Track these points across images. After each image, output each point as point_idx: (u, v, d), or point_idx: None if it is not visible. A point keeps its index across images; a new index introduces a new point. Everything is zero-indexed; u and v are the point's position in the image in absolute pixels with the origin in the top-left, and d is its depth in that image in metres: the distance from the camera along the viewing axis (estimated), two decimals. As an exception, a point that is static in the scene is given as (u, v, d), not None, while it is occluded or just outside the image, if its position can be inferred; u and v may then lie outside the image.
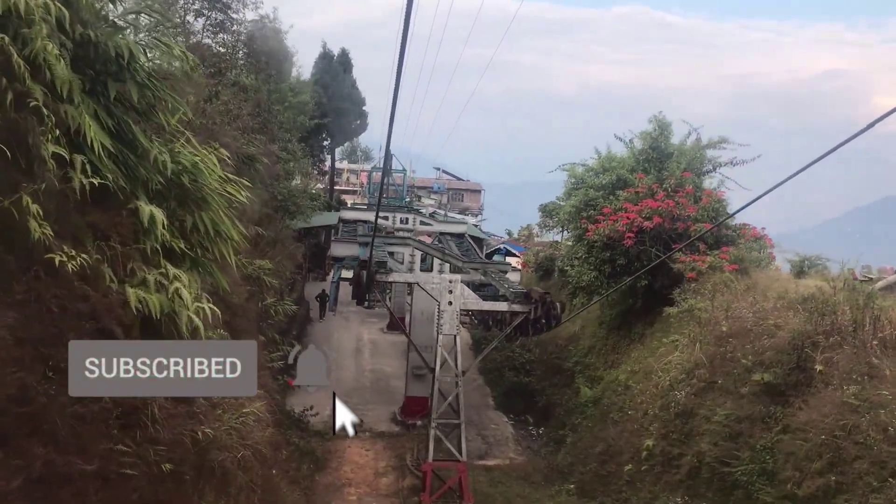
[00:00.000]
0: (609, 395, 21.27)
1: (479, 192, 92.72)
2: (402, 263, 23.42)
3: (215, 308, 8.94)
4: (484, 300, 19.08)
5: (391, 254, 23.58)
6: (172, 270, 8.20)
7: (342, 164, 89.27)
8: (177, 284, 8.02)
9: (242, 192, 9.66)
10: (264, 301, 20.99)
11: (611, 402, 20.59)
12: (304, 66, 43.20)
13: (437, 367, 17.16)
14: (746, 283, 18.89)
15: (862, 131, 6.84)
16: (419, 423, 23.56)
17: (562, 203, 36.47)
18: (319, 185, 62.56)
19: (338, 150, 78.96)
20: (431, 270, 23.64)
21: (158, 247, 8.29)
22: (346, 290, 48.29)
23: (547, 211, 36.19)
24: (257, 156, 22.35)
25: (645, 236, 21.09)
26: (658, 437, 16.34)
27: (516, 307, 17.33)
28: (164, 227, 8.12)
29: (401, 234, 32.79)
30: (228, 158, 9.44)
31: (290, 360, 18.53)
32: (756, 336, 14.86)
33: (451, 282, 17.32)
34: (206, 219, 9.12)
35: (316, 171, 61.51)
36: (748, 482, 12.55)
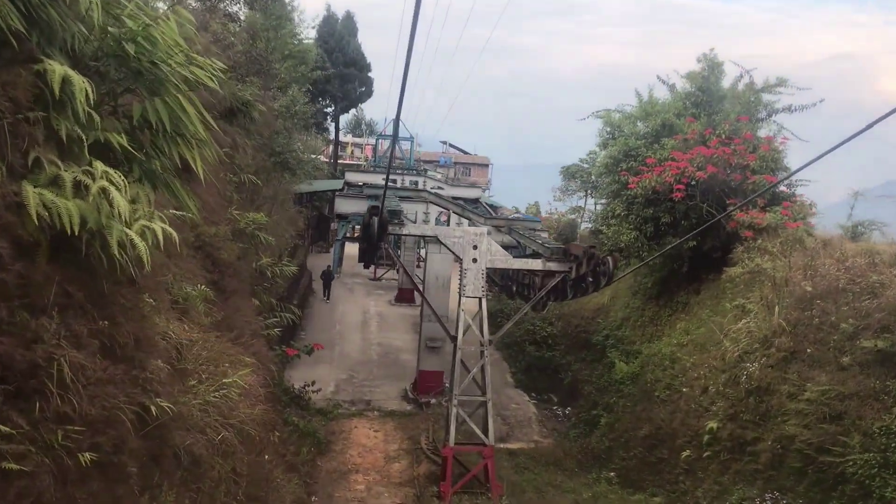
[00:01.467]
0: (651, 370, 18.61)
1: (487, 166, 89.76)
2: (414, 223, 20.68)
3: (171, 230, 6.30)
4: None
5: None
6: (101, 167, 5.48)
7: (346, 138, 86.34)
8: (102, 183, 5.31)
9: (215, 76, 6.90)
10: (259, 261, 18.33)
11: (655, 379, 17.93)
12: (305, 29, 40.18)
13: (460, 335, 14.51)
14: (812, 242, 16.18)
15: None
16: (433, 400, 21.00)
17: (585, 165, 33.83)
18: (322, 158, 59.58)
19: (342, 123, 76.02)
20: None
21: (80, 133, 5.65)
22: (349, 263, 45.68)
23: (569, 173, 33.53)
24: (253, 102, 19.64)
25: (695, 190, 18.32)
26: (724, 418, 13.70)
27: (553, 265, 14.63)
28: (89, 103, 5.43)
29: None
30: (192, 24, 6.69)
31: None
32: (854, 297, 12.16)
33: (476, 235, 14.62)
34: (161, 108, 6.35)
35: (319, 137, 58.67)
36: (864, 475, 9.89)
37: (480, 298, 14.60)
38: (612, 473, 17.01)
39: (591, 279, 13.38)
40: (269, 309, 18.42)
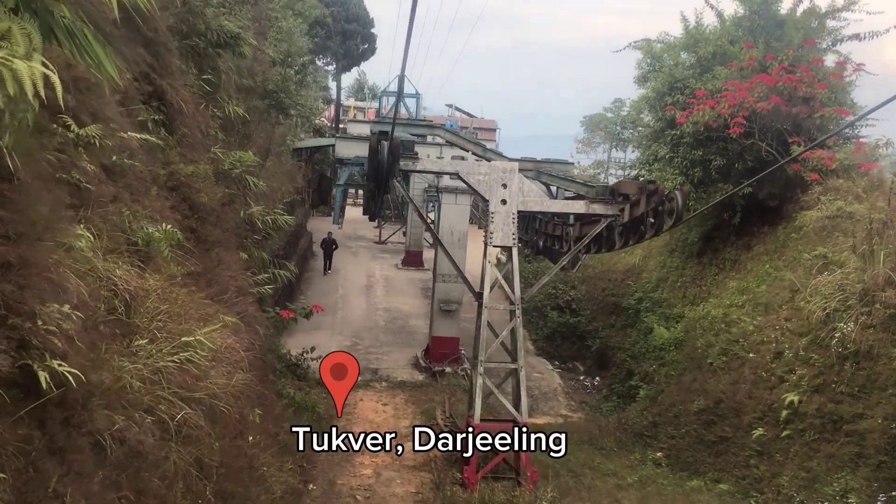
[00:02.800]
0: (700, 335, 16.17)
1: (494, 130, 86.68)
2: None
3: (52, 74, 3.73)
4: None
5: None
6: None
7: (348, 102, 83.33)
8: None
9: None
10: (248, 209, 15.82)
11: (706, 344, 15.49)
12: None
13: (486, 292, 12.04)
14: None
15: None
16: (448, 369, 18.65)
17: (609, 115, 31.17)
18: (324, 121, 56.79)
19: (344, 86, 72.91)
20: (465, 177, 18.34)
21: None
22: (351, 226, 43.19)
23: (592, 122, 30.84)
24: (242, 35, 17.02)
25: (754, 126, 15.71)
26: (808, 389, 11.27)
27: (598, 208, 12.08)
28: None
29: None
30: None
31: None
32: None
33: (506, 172, 12.07)
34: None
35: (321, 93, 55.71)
36: None
37: (511, 248, 12.10)
38: (658, 454, 14.65)
39: (651, 220, 10.84)
40: (260, 265, 15.99)
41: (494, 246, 12.14)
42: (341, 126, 60.08)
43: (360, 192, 61.16)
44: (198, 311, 8.97)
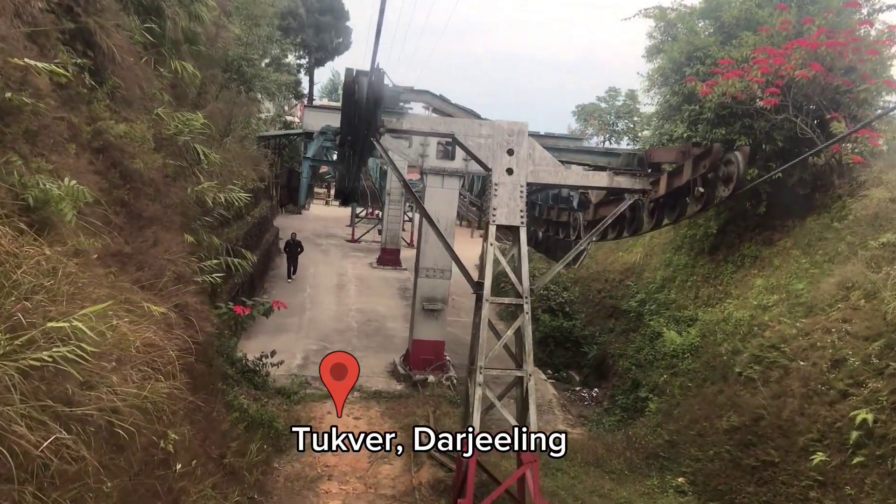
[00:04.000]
0: (721, 340, 14.03)
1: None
2: (409, 146, 15.75)
3: None
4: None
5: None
6: None
7: (321, 102, 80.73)
8: None
9: None
10: (197, 184, 13.31)
11: (731, 351, 13.34)
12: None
13: (488, 282, 9.69)
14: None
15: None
16: (431, 377, 16.24)
17: (603, 105, 29.04)
18: (295, 118, 54.02)
19: (317, 87, 70.27)
20: (454, 158, 16.03)
21: None
22: (321, 224, 40.54)
23: (585, 113, 28.74)
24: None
25: (787, 100, 13.63)
26: (887, 406, 9.09)
27: (623, 181, 9.79)
28: None
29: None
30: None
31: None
32: None
33: (513, 134, 9.75)
34: None
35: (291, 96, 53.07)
36: None
37: (518, 227, 9.77)
38: (680, 479, 12.41)
39: (700, 191, 8.56)
40: (212, 252, 13.49)
41: (498, 226, 9.79)
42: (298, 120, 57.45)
43: (331, 190, 58.63)
44: (106, 295, 6.55)
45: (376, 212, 40.80)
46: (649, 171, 10.02)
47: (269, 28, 26.64)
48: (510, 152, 9.81)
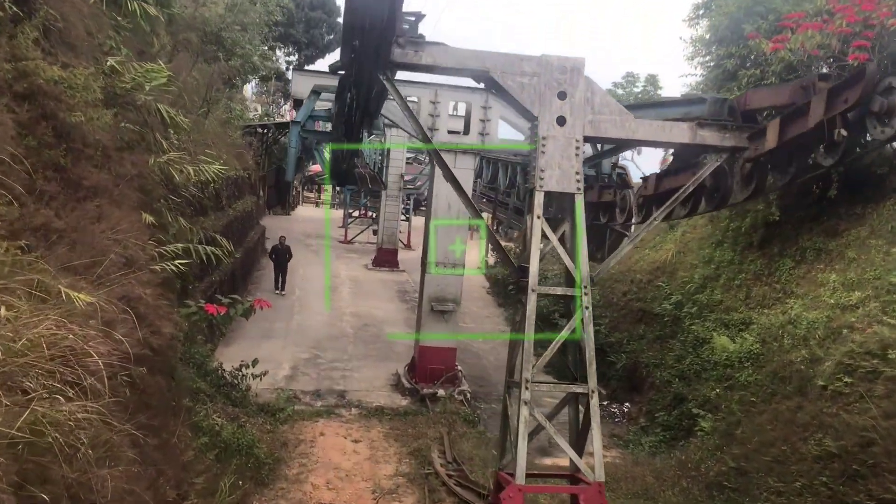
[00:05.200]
0: (791, 346, 11.70)
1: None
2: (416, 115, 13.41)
3: None
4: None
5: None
6: None
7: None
8: None
9: None
10: (161, 156, 10.89)
11: (809, 359, 11.01)
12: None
13: (535, 264, 7.30)
14: None
15: None
16: (441, 391, 13.82)
17: (620, 91, 26.65)
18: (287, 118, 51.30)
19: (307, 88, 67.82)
20: (468, 132, 13.70)
21: None
22: (312, 225, 38.07)
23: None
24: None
25: (874, 55, 11.35)
26: None
27: (709, 136, 7.45)
28: None
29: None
30: None
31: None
32: None
33: (565, 72, 7.42)
34: None
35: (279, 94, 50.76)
36: None
37: (574, 195, 7.42)
38: (758, 517, 10.02)
39: (842, 134, 6.21)
40: (180, 237, 11.06)
41: (547, 193, 7.43)
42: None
43: (321, 193, 56.26)
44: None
45: (370, 213, 38.48)
46: (747, 119, 7.69)
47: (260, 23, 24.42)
48: (562, 96, 7.47)
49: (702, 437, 12.69)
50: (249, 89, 54.40)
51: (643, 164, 26.41)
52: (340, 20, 43.37)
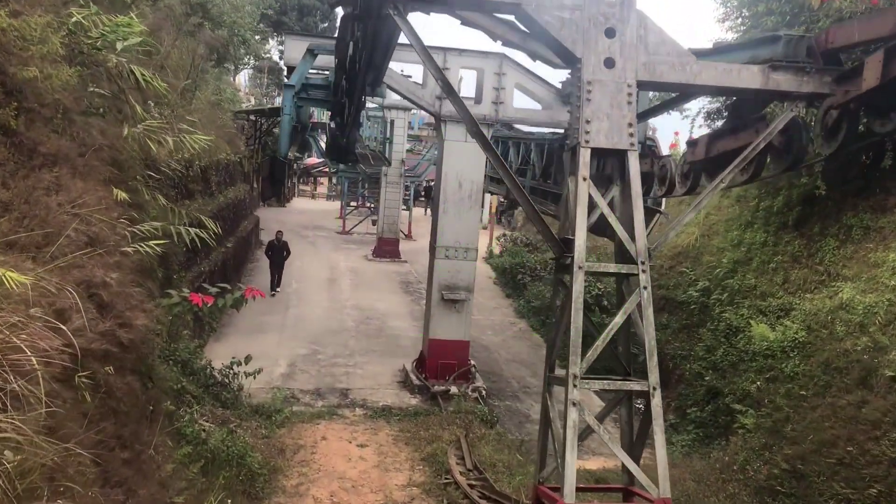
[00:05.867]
0: (845, 334, 10.49)
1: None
2: (423, 86, 12.11)
3: None
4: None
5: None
6: None
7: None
8: None
9: None
10: (137, 122, 9.59)
11: (869, 347, 9.80)
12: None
13: (582, 236, 6.01)
14: None
15: None
16: (454, 388, 12.55)
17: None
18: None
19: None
20: (481, 101, 12.41)
21: None
22: (309, 217, 36.77)
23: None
24: None
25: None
26: None
27: (783, 80, 6.19)
28: None
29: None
30: None
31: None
32: None
33: (613, 6, 6.16)
34: None
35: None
36: None
37: (626, 153, 6.15)
38: (823, 527, 8.77)
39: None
40: (159, 218, 9.78)
41: (595, 150, 6.15)
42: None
43: (317, 186, 54.87)
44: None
45: (369, 204, 37.18)
46: (816, 63, 6.40)
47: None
48: (610, 33, 6.20)
49: (744, 436, 11.46)
50: (243, 81, 53.04)
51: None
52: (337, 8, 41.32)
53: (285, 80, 12.10)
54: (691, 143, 8.93)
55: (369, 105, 34.77)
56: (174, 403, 8.90)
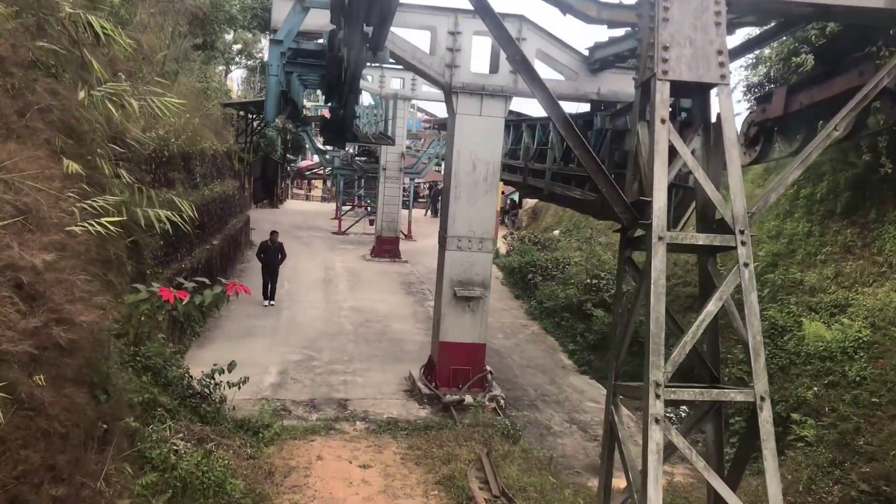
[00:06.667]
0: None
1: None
2: (430, 52, 10.65)
3: None
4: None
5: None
6: None
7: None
8: None
9: None
10: (95, 88, 8.04)
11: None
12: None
13: (661, 200, 4.51)
14: None
15: None
16: (468, 398, 11.02)
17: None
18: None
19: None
20: (497, 70, 10.93)
21: None
22: (302, 217, 35.30)
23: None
24: None
25: None
26: None
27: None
28: None
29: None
30: None
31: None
32: None
33: None
34: None
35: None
36: None
37: (714, 89, 4.67)
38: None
39: None
40: (125, 191, 8.32)
41: (673, 82, 4.67)
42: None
43: (311, 188, 53.32)
44: None
45: (365, 204, 35.72)
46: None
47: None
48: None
49: (804, 450, 9.99)
50: (236, 84, 51.48)
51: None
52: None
53: (271, 36, 10.63)
54: (763, 99, 7.46)
55: (365, 103, 33.37)
56: (140, 419, 7.36)
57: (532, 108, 21.03)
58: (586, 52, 10.89)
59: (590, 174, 5.14)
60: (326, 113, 19.68)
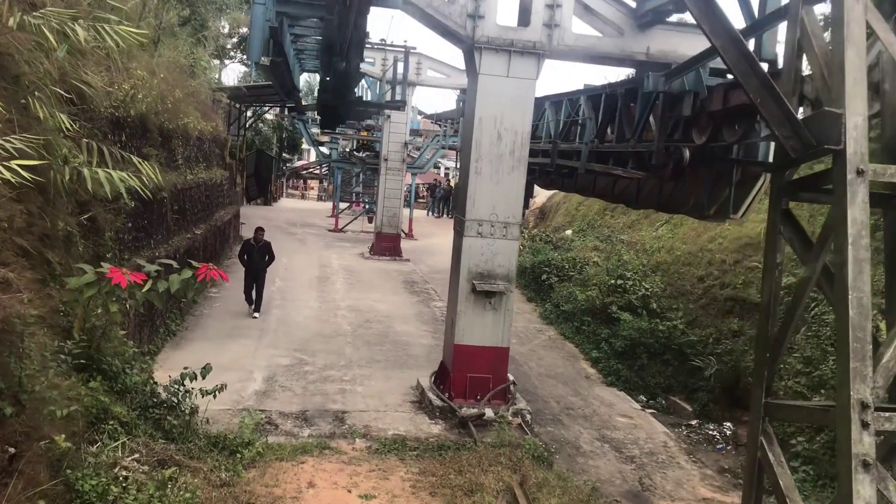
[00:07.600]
0: None
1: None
2: (451, 2, 8.97)
3: None
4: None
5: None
6: None
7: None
8: None
9: None
10: (27, 14, 6.05)
11: None
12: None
13: (856, 115, 2.84)
14: None
15: None
16: (489, 411, 9.30)
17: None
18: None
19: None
20: (528, 24, 9.23)
21: None
22: (298, 215, 33.65)
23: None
24: None
25: None
26: None
27: None
28: None
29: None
30: None
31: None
32: None
33: None
34: None
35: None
36: None
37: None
38: None
39: None
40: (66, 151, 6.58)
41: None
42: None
43: (307, 188, 51.68)
44: None
45: (364, 200, 34.07)
46: None
47: None
48: None
49: None
50: (233, 82, 49.83)
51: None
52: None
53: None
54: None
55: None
56: (79, 437, 5.63)
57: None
58: (633, 3, 9.24)
59: (738, 77, 3.44)
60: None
